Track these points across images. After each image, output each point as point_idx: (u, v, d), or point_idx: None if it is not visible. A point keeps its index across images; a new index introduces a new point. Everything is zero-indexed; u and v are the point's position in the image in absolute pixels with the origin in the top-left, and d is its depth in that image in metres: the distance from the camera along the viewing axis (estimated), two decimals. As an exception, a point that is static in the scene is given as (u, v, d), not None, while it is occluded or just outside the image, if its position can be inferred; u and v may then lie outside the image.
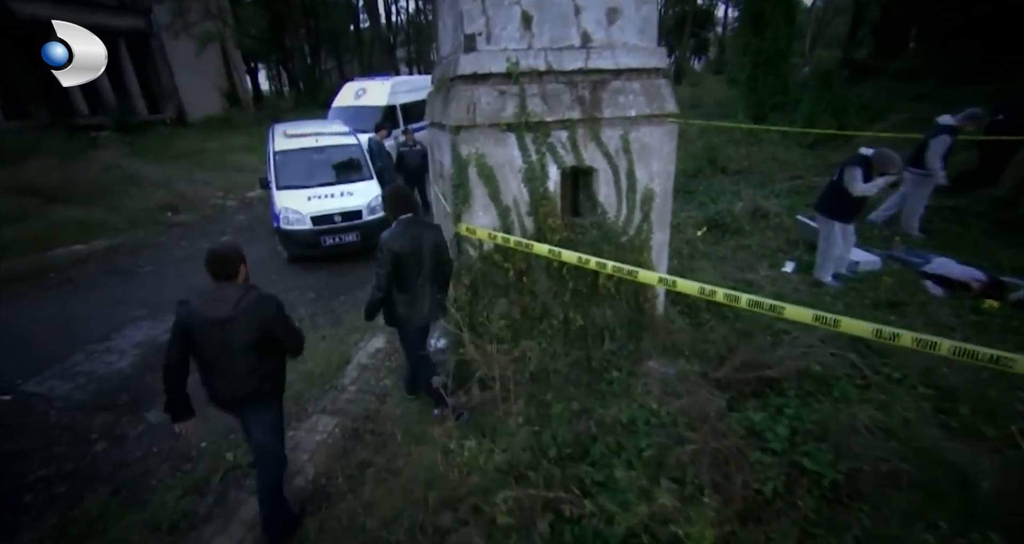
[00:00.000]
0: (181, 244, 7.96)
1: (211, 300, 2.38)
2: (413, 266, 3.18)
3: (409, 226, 3.20)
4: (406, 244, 3.12)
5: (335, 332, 4.99)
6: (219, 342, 2.35)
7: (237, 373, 2.42)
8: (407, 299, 3.28)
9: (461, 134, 3.35)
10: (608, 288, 3.88)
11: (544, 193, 3.60)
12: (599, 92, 3.49)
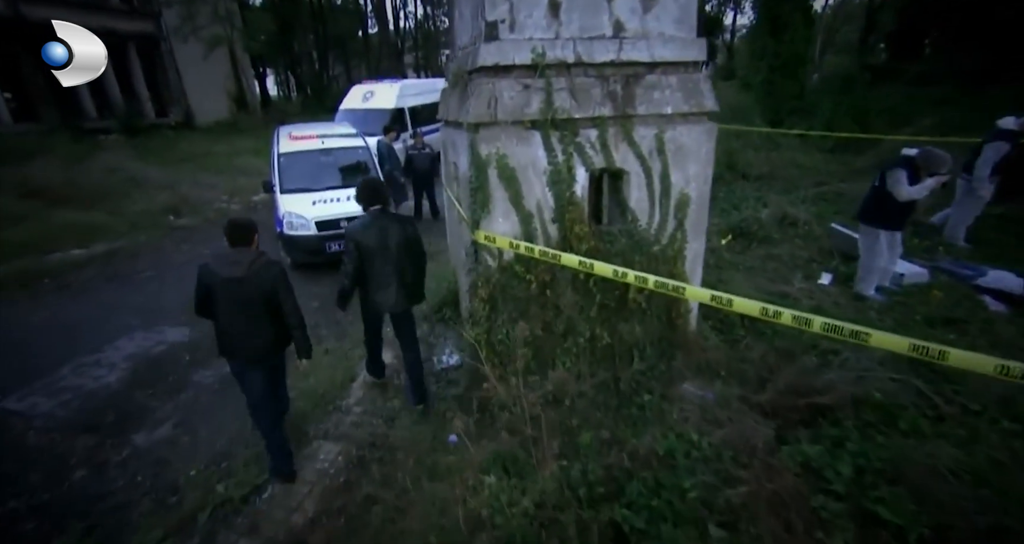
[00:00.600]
0: (182, 248, 7.70)
1: (228, 262, 2.76)
2: (380, 257, 3.25)
3: (377, 218, 3.27)
4: (372, 235, 3.20)
5: (339, 346, 4.67)
6: (235, 298, 2.75)
7: (250, 327, 2.80)
8: (376, 289, 3.37)
9: (481, 132, 3.04)
10: (638, 302, 3.55)
11: (571, 198, 3.28)
12: (632, 87, 3.17)
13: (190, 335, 5.06)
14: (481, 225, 3.21)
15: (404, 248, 3.29)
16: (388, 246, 3.24)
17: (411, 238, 3.34)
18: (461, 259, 4.12)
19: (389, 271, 3.29)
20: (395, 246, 3.25)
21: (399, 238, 3.26)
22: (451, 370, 4.08)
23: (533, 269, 3.33)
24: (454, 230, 4.40)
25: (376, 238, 3.21)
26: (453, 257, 4.81)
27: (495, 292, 3.34)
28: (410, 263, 3.39)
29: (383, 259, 3.25)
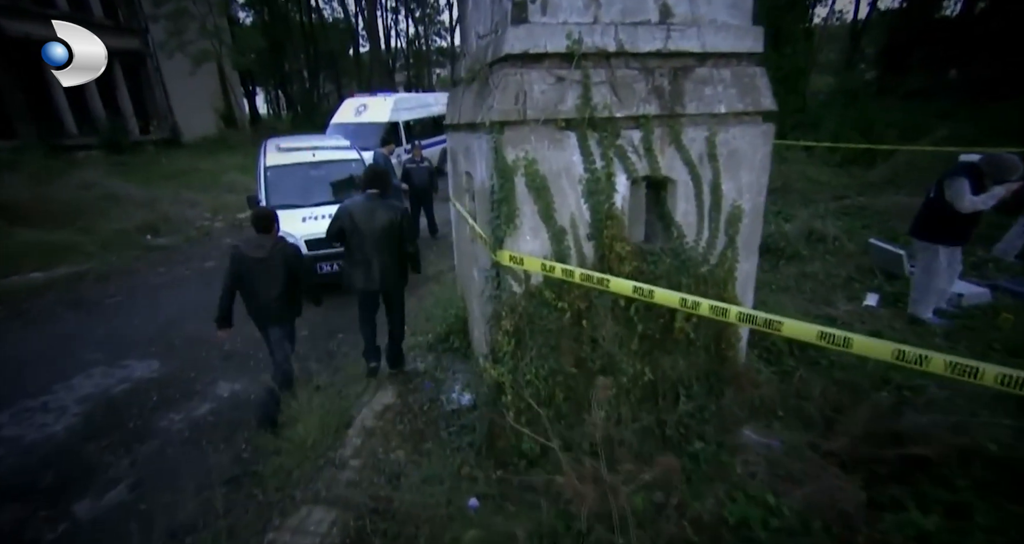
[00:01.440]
0: (159, 270, 7.08)
1: (254, 246, 3.44)
2: (364, 234, 3.57)
3: (369, 199, 3.63)
4: (360, 212, 3.56)
5: (332, 382, 4.08)
6: (260, 275, 3.43)
7: (270, 298, 3.50)
8: (359, 264, 3.66)
9: (507, 133, 2.54)
10: (685, 332, 3.03)
11: (610, 210, 2.78)
12: (681, 81, 2.71)
13: (160, 369, 4.44)
14: (505, 244, 2.70)
15: (387, 230, 3.58)
16: (374, 226, 3.55)
17: (396, 223, 3.61)
18: (475, 283, 3.59)
19: (370, 249, 3.59)
20: (379, 228, 3.55)
21: (384, 221, 3.56)
22: (463, 412, 3.51)
23: (566, 295, 2.81)
24: (465, 250, 3.89)
25: (364, 216, 3.54)
26: (462, 280, 4.28)
27: (521, 323, 2.80)
28: (391, 245, 3.63)
29: (368, 237, 3.56)
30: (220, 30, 18.05)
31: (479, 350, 3.86)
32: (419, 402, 3.72)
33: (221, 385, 4.22)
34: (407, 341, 4.51)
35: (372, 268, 3.64)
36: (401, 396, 3.80)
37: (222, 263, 7.33)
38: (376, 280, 3.68)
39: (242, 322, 5.23)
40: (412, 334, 4.73)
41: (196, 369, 4.45)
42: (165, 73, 18.83)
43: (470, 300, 3.92)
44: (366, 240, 3.57)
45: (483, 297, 3.08)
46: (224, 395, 4.09)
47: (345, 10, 29.88)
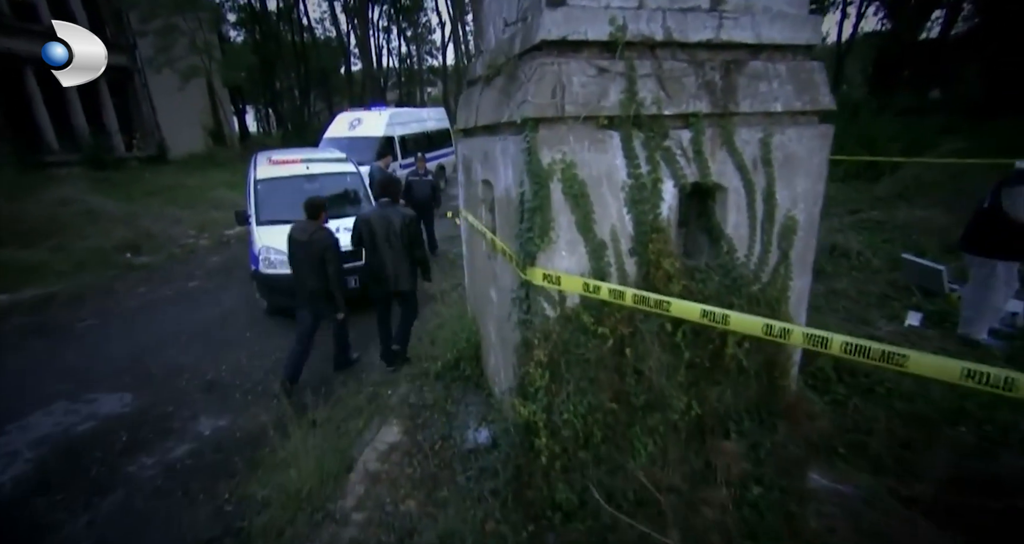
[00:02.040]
0: (138, 291, 6.59)
1: (301, 230, 3.89)
2: (379, 237, 3.86)
3: (384, 207, 3.96)
4: (376, 218, 3.87)
5: (330, 415, 3.63)
6: (302, 255, 3.86)
7: (310, 275, 3.86)
8: (376, 265, 3.96)
9: (542, 132, 2.20)
10: (737, 359, 2.66)
11: (656, 222, 2.44)
12: (733, 76, 2.40)
13: (132, 403, 3.96)
14: (538, 260, 2.33)
15: (399, 235, 3.86)
16: (389, 230, 3.84)
17: (407, 227, 3.89)
18: (492, 305, 3.21)
19: (384, 253, 3.89)
20: (392, 233, 3.85)
21: (396, 226, 3.85)
22: (482, 452, 3.07)
23: (606, 320, 2.44)
24: (479, 268, 3.51)
25: (380, 223, 3.85)
26: (474, 301, 3.89)
27: (555, 353, 2.41)
28: (403, 249, 3.91)
29: (382, 241, 3.86)
30: (210, 46, 17.79)
31: (495, 379, 3.46)
32: (429, 439, 3.28)
33: (202, 421, 3.75)
34: (412, 369, 4.09)
35: (386, 270, 3.93)
36: (408, 432, 3.36)
37: (207, 283, 6.92)
38: (390, 281, 3.97)
39: (227, 349, 4.81)
40: (416, 359, 4.31)
41: (174, 402, 3.97)
42: (153, 89, 18.47)
43: (485, 323, 3.53)
44: (380, 244, 3.88)
45: (508, 322, 2.69)
46: (205, 433, 3.61)
47: (337, 28, 29.91)
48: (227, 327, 5.30)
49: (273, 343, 4.91)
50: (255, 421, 3.69)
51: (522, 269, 2.41)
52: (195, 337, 5.08)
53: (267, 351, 4.76)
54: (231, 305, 5.91)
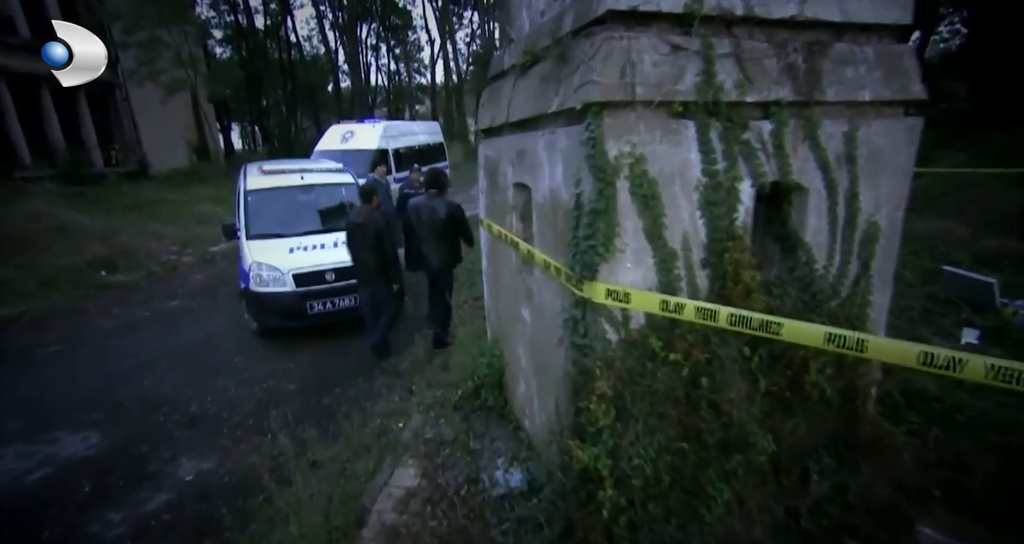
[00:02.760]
0: (112, 312, 6.03)
1: (356, 213, 4.32)
2: (424, 223, 4.19)
3: (431, 197, 4.25)
4: (423, 206, 4.21)
5: (333, 454, 3.16)
6: (359, 237, 4.24)
7: (368, 255, 4.24)
8: (422, 249, 4.28)
9: (607, 119, 1.83)
10: (819, 387, 2.29)
11: (731, 227, 2.08)
12: (817, 59, 2.08)
13: (100, 443, 3.43)
14: (600, 273, 1.94)
15: (444, 222, 4.19)
16: (435, 217, 4.17)
17: (452, 214, 4.22)
18: (525, 327, 2.81)
19: (428, 237, 4.22)
20: (438, 220, 4.16)
21: (441, 214, 4.17)
22: (516, 497, 2.63)
23: (678, 343, 2.05)
24: (505, 284, 3.11)
25: (427, 211, 4.19)
26: (497, 322, 3.48)
27: (620, 384, 2.01)
28: (445, 234, 4.24)
29: (429, 228, 4.20)
30: (195, 60, 17.39)
31: (525, 411, 3.03)
32: (453, 483, 2.83)
33: (183, 464, 3.24)
34: (424, 397, 3.65)
35: (431, 254, 4.28)
36: (427, 475, 2.90)
37: (190, 302, 6.38)
38: (430, 262, 4.31)
39: (213, 377, 4.30)
40: (428, 386, 3.87)
41: (150, 441, 3.46)
42: (135, 104, 17.93)
43: (512, 347, 3.12)
44: (424, 230, 4.24)
45: (555, 346, 2.29)
46: (187, 479, 3.11)
47: (326, 45, 29.78)
48: (212, 351, 4.79)
49: (265, 368, 4.41)
50: (246, 462, 3.20)
51: (577, 285, 2.03)
52: (176, 363, 4.57)
53: (258, 378, 4.26)
54: (217, 327, 5.39)
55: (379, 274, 4.26)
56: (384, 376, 4.30)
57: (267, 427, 3.58)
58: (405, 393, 3.97)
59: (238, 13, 25.70)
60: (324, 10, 28.15)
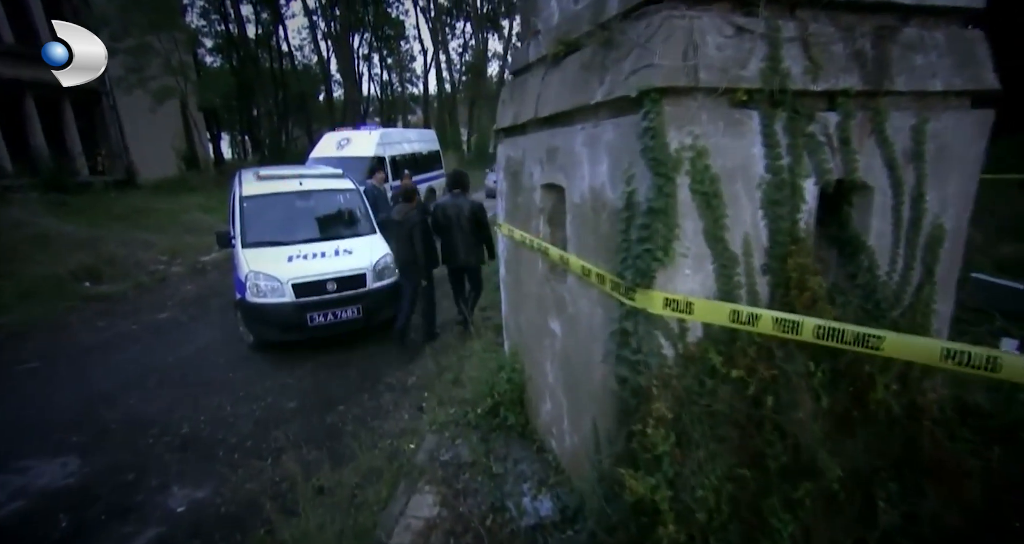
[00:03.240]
0: (97, 325, 5.70)
1: (397, 211, 4.61)
2: (452, 221, 4.53)
3: (455, 197, 4.62)
4: (450, 206, 4.57)
5: (341, 480, 2.89)
6: (399, 235, 4.54)
7: (406, 250, 4.51)
8: (447, 246, 4.66)
9: (667, 107, 1.64)
10: (887, 405, 2.09)
11: (794, 229, 1.88)
12: (886, 46, 1.91)
13: (80, 471, 3.12)
14: (656, 280, 1.73)
15: (469, 220, 4.50)
16: (460, 216, 4.48)
17: (475, 213, 4.54)
18: (553, 340, 2.58)
19: (456, 235, 4.51)
20: (464, 218, 4.48)
21: (468, 212, 4.50)
22: (548, 528, 2.38)
23: (739, 359, 1.84)
24: (533, 293, 2.88)
25: (453, 210, 4.50)
26: (520, 334, 3.25)
27: (680, 404, 1.79)
28: (473, 231, 4.55)
29: (455, 226, 4.49)
30: (186, 67, 17.11)
31: (552, 431, 2.79)
32: (476, 511, 2.58)
33: (175, 493, 2.95)
34: (437, 415, 3.40)
35: (457, 249, 4.58)
36: (447, 502, 2.64)
37: (180, 314, 6.04)
38: (460, 258, 4.61)
39: (206, 394, 3.99)
40: (440, 403, 3.62)
41: (137, 468, 3.16)
42: (122, 112, 17.55)
43: (538, 361, 2.88)
44: (452, 228, 4.53)
45: (601, 362, 2.07)
46: (179, 509, 2.81)
47: (319, 55, 29.62)
48: (205, 367, 4.50)
49: (262, 385, 4.13)
50: (245, 490, 2.92)
51: (627, 294, 1.81)
52: (166, 380, 4.27)
53: (256, 395, 3.98)
54: (209, 340, 5.09)
55: (410, 267, 4.59)
56: (390, 392, 4.03)
57: (267, 449, 3.31)
58: (415, 411, 3.72)
59: (229, 23, 25.51)
60: (316, 20, 28.08)
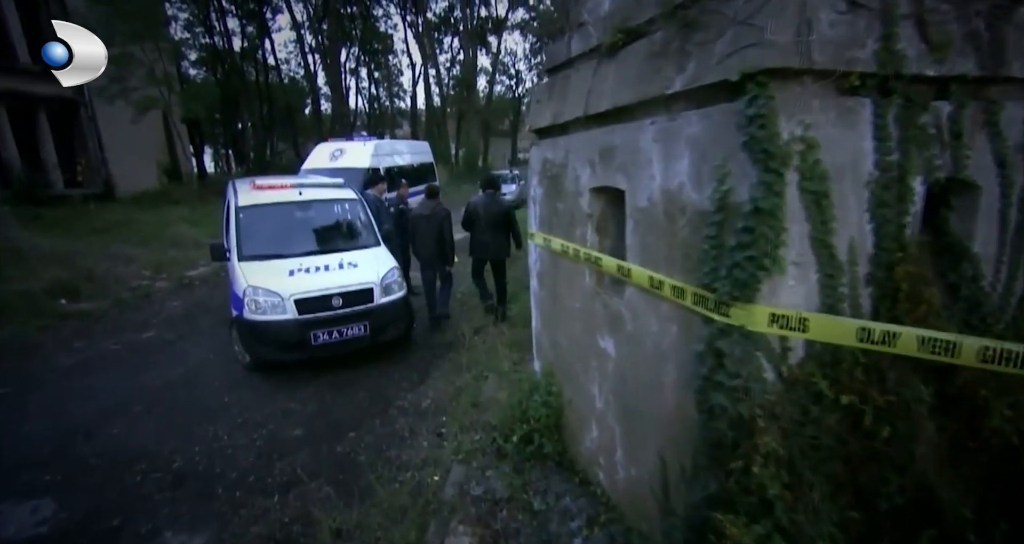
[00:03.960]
0: (74, 345, 5.25)
1: (423, 207, 5.15)
2: (483, 218, 5.04)
3: (488, 196, 5.15)
4: (482, 205, 5.07)
5: (361, 520, 2.55)
6: (424, 226, 5.06)
7: (429, 244, 5.05)
8: (479, 239, 5.16)
9: (777, 93, 1.41)
10: (1002, 433, 1.85)
11: (900, 234, 1.67)
12: (1001, 27, 1.72)
13: (55, 516, 2.73)
14: (761, 291, 1.49)
15: (498, 217, 5.07)
16: (489, 215, 5.03)
17: (504, 212, 5.13)
18: (605, 361, 2.31)
19: (486, 230, 5.05)
20: (493, 215, 5.03)
21: (496, 211, 5.07)
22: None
23: (847, 383, 1.60)
24: (577, 308, 2.61)
25: (484, 209, 5.04)
26: (557, 354, 2.96)
27: (787, 436, 1.53)
28: (500, 228, 5.10)
29: (486, 222, 5.03)
30: (170, 78, 16.69)
31: (598, 461, 2.51)
32: (519, 558, 2.27)
33: (167, 540, 2.57)
34: (461, 443, 3.09)
35: (487, 244, 5.09)
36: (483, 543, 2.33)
37: (166, 333, 5.57)
38: (489, 251, 5.15)
39: (200, 423, 3.58)
40: (462, 429, 3.31)
41: (123, 509, 2.78)
42: (101, 123, 17.00)
43: (582, 384, 2.61)
44: (483, 224, 5.02)
45: (683, 387, 1.80)
46: (173, 562, 2.44)
47: (307, 68, 29.33)
48: (197, 391, 4.11)
49: (262, 410, 3.76)
50: (250, 535, 2.57)
51: (718, 309, 1.56)
52: (153, 407, 3.87)
53: (256, 422, 3.61)
54: (200, 361, 4.70)
55: (438, 258, 5.09)
56: (404, 416, 3.70)
57: (273, 485, 2.95)
58: (434, 437, 3.40)
59: (214, 35, 25.16)
60: (304, 33, 27.92)
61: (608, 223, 2.41)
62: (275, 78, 29.98)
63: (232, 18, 25.83)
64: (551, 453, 2.83)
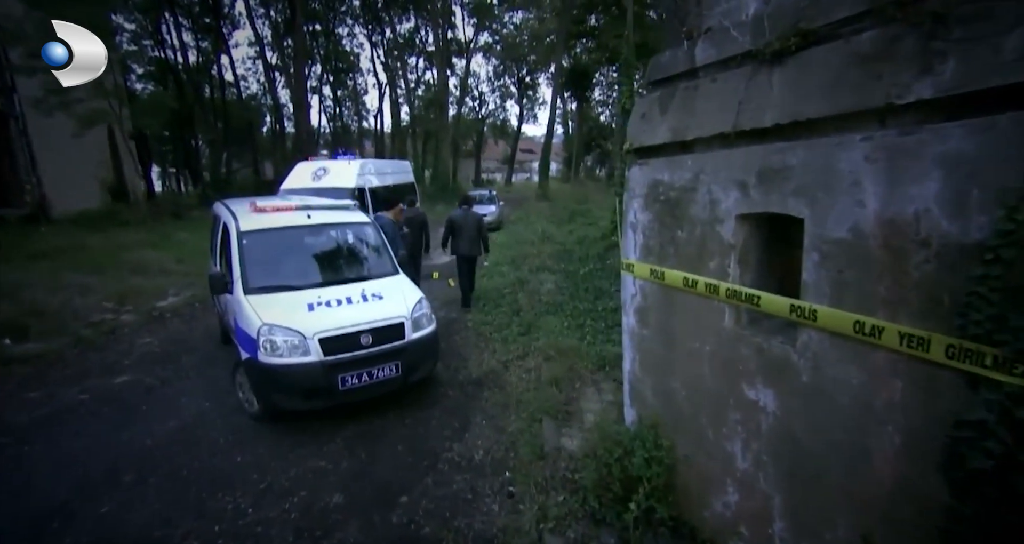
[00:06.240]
0: (26, 397, 4.39)
1: (460, 212, 6.60)
2: (464, 228, 6.46)
3: (464, 211, 6.62)
4: (461, 217, 6.52)
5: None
6: (463, 230, 6.47)
7: (470, 242, 6.53)
8: (462, 244, 6.51)
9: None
10: None
11: None
12: None
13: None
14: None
15: (475, 227, 6.55)
16: (467, 225, 6.48)
17: (478, 222, 6.63)
18: (760, 416, 1.96)
19: (467, 235, 6.48)
20: (470, 225, 6.50)
21: (472, 222, 6.55)
22: None
23: None
24: (695, 350, 2.27)
25: (463, 221, 6.49)
26: (665, 402, 2.59)
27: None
28: (476, 234, 6.56)
29: (466, 230, 6.46)
30: (119, 89, 15.46)
31: (740, 533, 2.13)
32: None
33: None
34: (546, 507, 2.64)
35: (468, 248, 6.49)
36: None
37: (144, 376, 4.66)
38: (468, 250, 6.50)
39: (210, 493, 2.81)
40: (537, 489, 2.86)
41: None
42: (34, 137, 15.42)
43: (714, 439, 2.25)
44: (464, 233, 6.44)
45: (930, 460, 1.47)
46: None
47: (269, 84, 28.16)
48: (200, 450, 3.45)
49: (288, 472, 3.17)
50: None
51: (1004, 368, 1.26)
52: (149, 475, 3.19)
53: (283, 487, 3.01)
54: (196, 411, 4.00)
55: (477, 253, 6.57)
56: (459, 472, 3.21)
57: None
58: (504, 498, 2.93)
59: (165, 49, 23.82)
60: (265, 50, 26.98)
61: (749, 255, 2.11)
62: (233, 95, 28.71)
63: (187, 32, 24.62)
64: (664, 518, 2.44)
